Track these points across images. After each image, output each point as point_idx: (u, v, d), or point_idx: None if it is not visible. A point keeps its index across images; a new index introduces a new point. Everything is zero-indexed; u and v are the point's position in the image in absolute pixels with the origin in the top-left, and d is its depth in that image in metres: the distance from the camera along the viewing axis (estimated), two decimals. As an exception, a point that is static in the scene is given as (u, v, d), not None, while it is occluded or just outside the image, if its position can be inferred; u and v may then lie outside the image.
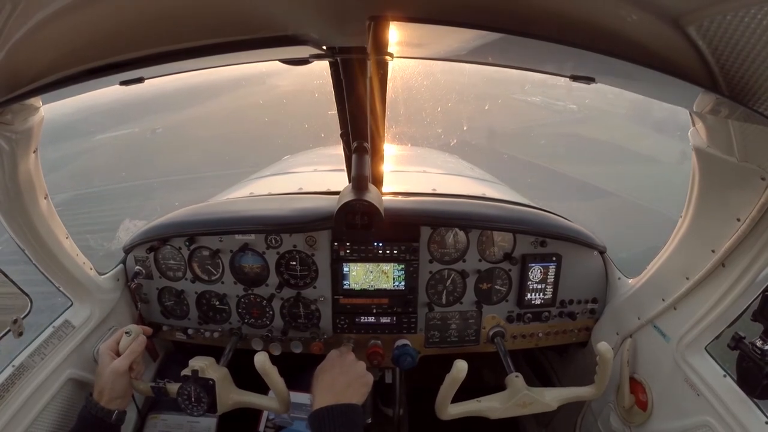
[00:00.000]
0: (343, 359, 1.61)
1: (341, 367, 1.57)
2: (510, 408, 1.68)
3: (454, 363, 1.58)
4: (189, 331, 2.17)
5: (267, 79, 35.65)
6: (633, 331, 1.87)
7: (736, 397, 1.40)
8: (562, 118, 24.77)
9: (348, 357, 1.63)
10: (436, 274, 2.08)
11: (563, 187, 13.90)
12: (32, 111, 1.22)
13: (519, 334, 2.19)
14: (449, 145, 16.49)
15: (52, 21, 0.75)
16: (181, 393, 1.61)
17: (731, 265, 1.38)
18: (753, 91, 0.83)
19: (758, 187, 1.20)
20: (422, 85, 16.79)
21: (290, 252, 2.04)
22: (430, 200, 2.19)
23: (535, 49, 0.98)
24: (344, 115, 1.41)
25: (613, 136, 20.26)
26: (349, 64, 1.14)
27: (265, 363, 1.53)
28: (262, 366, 1.52)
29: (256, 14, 0.82)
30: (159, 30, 0.83)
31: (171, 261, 2.10)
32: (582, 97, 25.90)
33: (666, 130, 18.08)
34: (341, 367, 1.57)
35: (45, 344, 1.64)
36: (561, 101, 26.38)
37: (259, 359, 1.52)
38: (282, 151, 5.09)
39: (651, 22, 0.78)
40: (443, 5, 0.78)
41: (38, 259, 1.60)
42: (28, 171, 1.35)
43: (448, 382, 1.60)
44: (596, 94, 24.01)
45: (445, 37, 1.13)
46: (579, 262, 2.10)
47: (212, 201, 2.56)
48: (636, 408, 1.84)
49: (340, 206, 1.50)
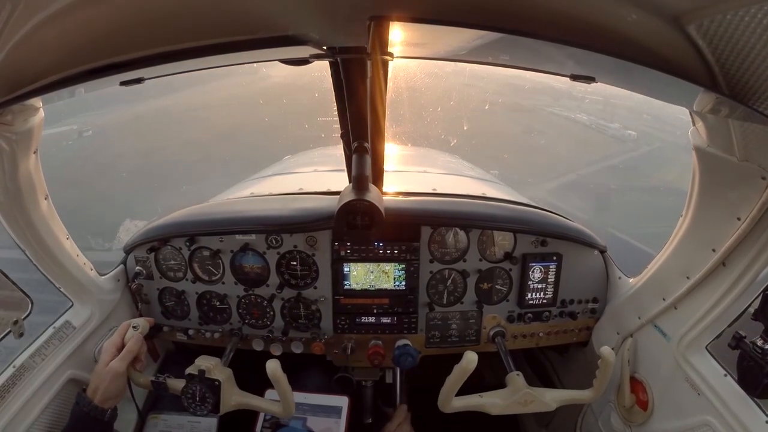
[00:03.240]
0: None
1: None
2: (511, 405, 1.68)
3: (465, 354, 1.57)
4: (189, 331, 2.17)
5: (259, 68, 33.93)
6: (633, 331, 1.87)
7: (737, 396, 1.40)
8: (626, 151, 19.00)
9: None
10: (436, 274, 2.08)
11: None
12: (32, 111, 1.22)
13: (520, 333, 2.19)
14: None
15: (52, 21, 0.75)
16: (185, 392, 1.62)
17: (732, 264, 1.38)
18: (753, 91, 0.83)
19: (759, 187, 1.20)
20: (445, 92, 15.66)
21: (291, 252, 2.04)
22: (430, 200, 2.19)
23: (535, 48, 0.98)
24: (344, 115, 1.41)
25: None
26: (349, 64, 1.14)
27: (277, 370, 1.53)
28: (273, 373, 1.53)
29: (256, 14, 0.82)
30: (159, 30, 0.83)
31: (171, 261, 2.10)
32: (632, 117, 21.70)
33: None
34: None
35: (46, 345, 1.64)
36: (612, 122, 22.02)
37: (271, 366, 1.52)
38: (279, 150, 4.90)
39: (651, 21, 0.78)
40: (443, 5, 0.78)
41: (38, 260, 1.60)
42: (28, 171, 1.35)
43: (457, 372, 1.59)
44: (647, 108, 20.08)
45: (445, 37, 1.13)
46: (579, 262, 2.10)
47: (213, 201, 2.56)
48: (636, 407, 1.84)
49: (340, 206, 1.50)
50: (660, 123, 20.40)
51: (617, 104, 23.55)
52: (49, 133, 17.11)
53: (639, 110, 22.30)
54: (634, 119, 21.66)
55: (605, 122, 22.27)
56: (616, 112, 22.95)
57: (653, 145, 19.64)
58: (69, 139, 18.37)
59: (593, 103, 24.27)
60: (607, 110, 23.96)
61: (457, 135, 15.54)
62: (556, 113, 25.01)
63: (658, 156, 18.57)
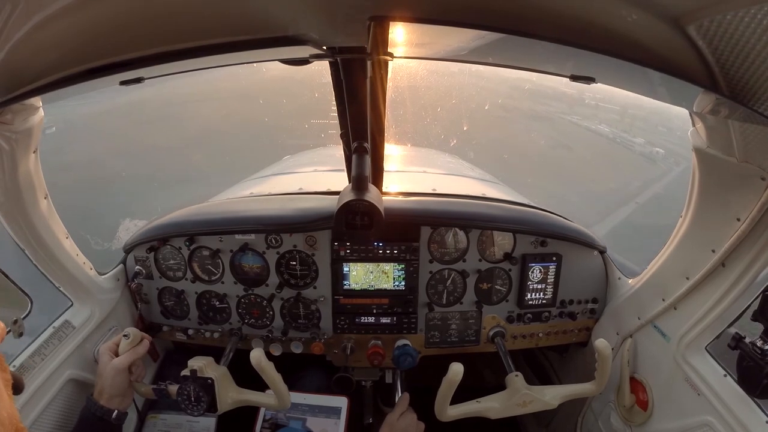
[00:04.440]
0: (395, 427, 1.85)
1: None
2: (510, 407, 1.68)
3: (450, 366, 1.59)
4: (189, 331, 2.17)
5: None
6: (633, 331, 1.87)
7: (737, 396, 1.40)
8: (662, 174, 17.24)
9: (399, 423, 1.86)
10: (436, 274, 2.08)
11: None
12: (32, 111, 1.22)
13: (519, 334, 2.19)
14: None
15: (52, 21, 0.75)
16: (180, 393, 1.61)
17: (731, 265, 1.38)
18: (753, 92, 0.83)
19: (758, 188, 1.20)
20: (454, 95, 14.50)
21: (290, 252, 2.04)
22: (430, 200, 2.19)
23: (535, 49, 0.98)
24: (344, 115, 1.41)
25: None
26: (349, 64, 1.14)
27: (261, 359, 1.53)
28: (258, 362, 1.52)
29: (257, 15, 0.82)
30: (159, 30, 0.83)
31: (171, 261, 2.10)
32: (649, 129, 19.86)
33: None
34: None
35: (45, 345, 1.64)
36: (636, 137, 19.88)
37: (255, 355, 1.52)
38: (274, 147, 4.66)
39: (651, 21, 0.78)
40: (443, 5, 0.78)
41: (38, 259, 1.60)
42: (28, 171, 1.35)
43: (445, 385, 1.61)
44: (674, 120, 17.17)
45: (445, 37, 1.13)
46: (579, 262, 2.10)
47: (212, 201, 2.56)
48: (636, 407, 1.84)
49: (340, 206, 1.50)
50: (676, 137, 19.27)
51: (635, 115, 21.67)
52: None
53: (653, 122, 20.78)
54: (651, 132, 20.28)
55: (628, 136, 20.37)
56: (635, 124, 21.17)
57: (680, 165, 18.21)
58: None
59: (608, 111, 22.51)
60: (626, 121, 22.24)
61: (480, 147, 14.17)
62: (576, 122, 23.12)
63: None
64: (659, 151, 19.47)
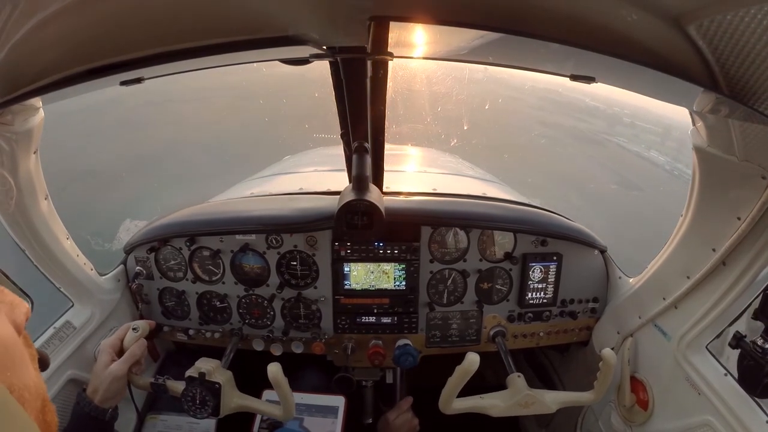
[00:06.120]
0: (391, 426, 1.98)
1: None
2: (511, 407, 1.68)
3: (466, 355, 1.56)
4: (190, 331, 2.17)
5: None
6: (634, 330, 1.87)
7: (737, 396, 1.40)
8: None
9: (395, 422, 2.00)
10: (436, 274, 2.08)
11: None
12: (32, 111, 1.22)
13: (520, 333, 2.19)
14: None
15: (52, 21, 0.75)
16: (185, 394, 1.61)
17: (732, 263, 1.38)
18: (753, 91, 0.83)
19: (759, 186, 1.20)
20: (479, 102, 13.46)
21: (291, 252, 2.04)
22: (430, 200, 2.19)
23: (535, 48, 0.98)
24: (344, 115, 1.41)
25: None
26: (349, 64, 1.14)
27: (278, 374, 1.53)
28: (274, 377, 1.53)
29: (257, 15, 0.82)
30: (159, 30, 0.83)
31: (172, 261, 2.10)
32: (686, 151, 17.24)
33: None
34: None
35: (46, 345, 1.64)
36: (688, 166, 15.66)
37: (272, 370, 1.53)
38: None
39: (651, 21, 0.78)
40: (443, 5, 0.78)
41: (39, 260, 1.60)
42: (28, 171, 1.35)
43: (458, 374, 1.59)
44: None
45: (445, 37, 1.14)
46: (580, 262, 2.10)
47: (213, 201, 2.56)
48: (637, 407, 1.84)
49: (340, 206, 1.50)
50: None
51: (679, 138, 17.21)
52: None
53: (686, 142, 19.35)
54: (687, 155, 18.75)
55: (683, 167, 15.82)
56: (682, 151, 17.18)
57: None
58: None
59: (647, 132, 19.78)
60: (668, 144, 18.76)
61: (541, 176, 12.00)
62: (623, 146, 19.74)
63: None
64: (679, 167, 15.91)
